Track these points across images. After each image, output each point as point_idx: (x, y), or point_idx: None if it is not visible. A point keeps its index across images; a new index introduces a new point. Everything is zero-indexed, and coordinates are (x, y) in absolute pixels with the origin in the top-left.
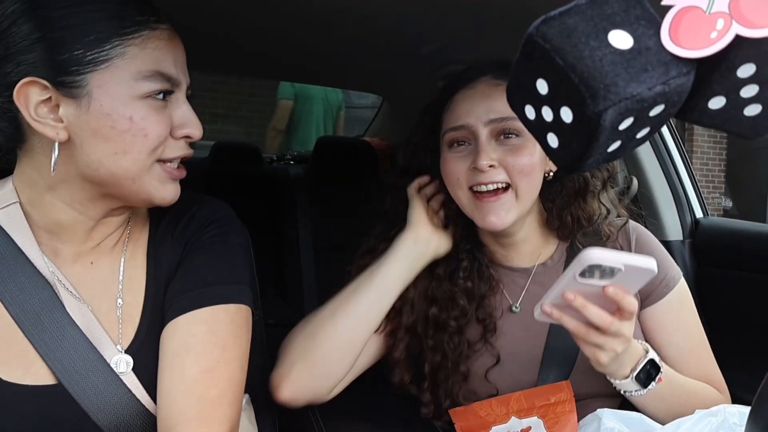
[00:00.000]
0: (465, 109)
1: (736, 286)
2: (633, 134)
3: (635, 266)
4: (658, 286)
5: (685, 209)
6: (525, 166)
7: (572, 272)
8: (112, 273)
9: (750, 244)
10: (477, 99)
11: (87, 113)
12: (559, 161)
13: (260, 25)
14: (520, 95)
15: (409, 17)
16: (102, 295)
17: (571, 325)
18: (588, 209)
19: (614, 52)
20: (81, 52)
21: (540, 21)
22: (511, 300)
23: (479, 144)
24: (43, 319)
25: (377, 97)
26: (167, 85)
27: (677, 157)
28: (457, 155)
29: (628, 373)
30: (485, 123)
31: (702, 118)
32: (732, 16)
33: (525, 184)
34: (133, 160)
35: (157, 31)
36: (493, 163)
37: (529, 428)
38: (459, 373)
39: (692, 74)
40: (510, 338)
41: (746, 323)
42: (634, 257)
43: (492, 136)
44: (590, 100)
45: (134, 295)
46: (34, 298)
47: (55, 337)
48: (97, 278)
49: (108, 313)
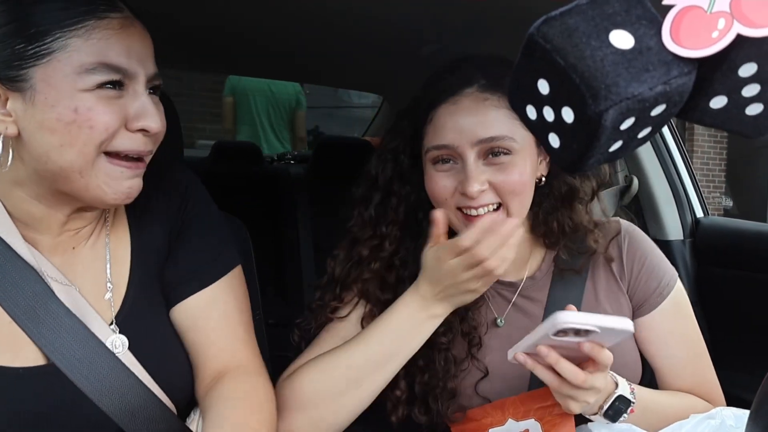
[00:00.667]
0: (449, 127)
1: (736, 285)
2: (634, 134)
3: (610, 328)
4: (651, 295)
5: (686, 209)
6: (516, 185)
7: (545, 331)
8: (97, 253)
9: (750, 243)
10: (462, 116)
11: (33, 107)
12: (561, 161)
13: (261, 25)
14: (521, 95)
15: (410, 17)
16: (90, 277)
17: (544, 377)
18: (575, 217)
19: (615, 52)
20: (22, 46)
21: (541, 21)
22: (497, 314)
23: (467, 168)
24: (38, 312)
25: (377, 96)
26: (116, 76)
27: (678, 156)
28: (443, 174)
29: (596, 411)
30: (472, 144)
31: (703, 118)
32: (733, 16)
33: (517, 202)
34: (79, 153)
35: (105, 20)
36: (483, 187)
37: (527, 430)
38: (447, 391)
39: (693, 74)
40: (496, 353)
41: (747, 323)
42: (608, 319)
43: (480, 157)
44: (591, 100)
45: (119, 267)
46: (28, 293)
47: (52, 328)
48: (82, 261)
49: (98, 294)
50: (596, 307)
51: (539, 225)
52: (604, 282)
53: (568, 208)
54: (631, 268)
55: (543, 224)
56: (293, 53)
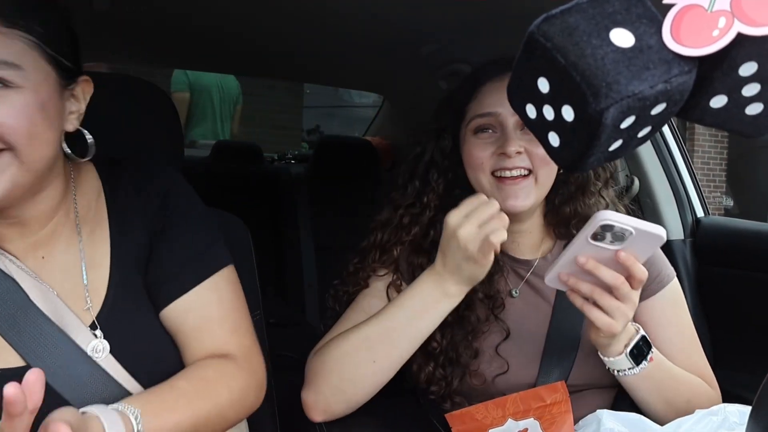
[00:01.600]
0: (494, 99)
1: (737, 285)
2: (634, 133)
3: (645, 231)
4: (653, 282)
5: (686, 208)
6: None
7: (585, 234)
8: (73, 258)
9: (751, 243)
10: (506, 90)
11: None
12: (561, 160)
13: (261, 24)
14: (521, 94)
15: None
16: (68, 283)
17: (585, 288)
18: (586, 206)
19: (616, 50)
20: None
21: (541, 19)
22: (512, 286)
23: (507, 132)
24: (18, 321)
25: (378, 96)
26: None
27: (678, 156)
28: (482, 141)
29: (622, 349)
30: (513, 113)
31: (704, 117)
32: (734, 14)
33: (545, 171)
34: None
35: None
36: (520, 149)
37: (526, 430)
38: (471, 350)
39: (694, 72)
40: (513, 320)
41: (747, 322)
42: (644, 223)
43: (518, 126)
44: (592, 98)
45: (99, 270)
46: (8, 303)
47: (33, 336)
48: (59, 267)
49: (76, 299)
50: None
51: (554, 212)
52: None
53: (581, 197)
54: None
55: (557, 211)
56: (293, 53)
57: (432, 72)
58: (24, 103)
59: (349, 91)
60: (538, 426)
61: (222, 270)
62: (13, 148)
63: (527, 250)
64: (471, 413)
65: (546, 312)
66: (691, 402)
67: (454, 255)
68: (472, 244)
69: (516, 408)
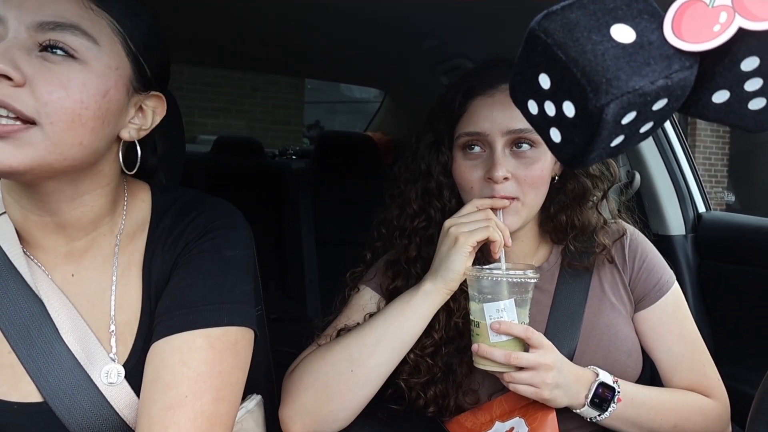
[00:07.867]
0: (483, 116)
1: (738, 280)
2: (636, 128)
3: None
4: (652, 290)
5: (688, 203)
6: (536, 179)
7: None
8: (102, 286)
9: (752, 238)
10: (496, 108)
11: None
12: (562, 156)
13: (263, 20)
14: (522, 90)
15: (411, 12)
16: (92, 309)
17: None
18: (583, 217)
19: (616, 46)
20: None
21: (542, 15)
22: None
23: (495, 155)
24: (32, 333)
25: (379, 91)
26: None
27: (680, 151)
28: (471, 163)
29: (583, 401)
30: (502, 133)
31: (705, 112)
32: (735, 9)
33: (533, 195)
34: None
35: None
36: (507, 175)
37: (512, 429)
38: (465, 366)
39: (695, 68)
40: None
41: (748, 317)
42: None
43: (507, 146)
44: (592, 94)
45: (127, 312)
46: (25, 312)
47: (42, 352)
48: (84, 292)
49: (99, 326)
50: (602, 297)
51: (548, 220)
52: (609, 275)
53: (578, 208)
54: (633, 263)
55: (552, 220)
56: (295, 49)
57: (433, 67)
58: (82, 80)
59: (350, 86)
60: (524, 423)
61: (207, 330)
62: (46, 125)
63: (521, 257)
64: (460, 421)
65: (542, 321)
66: (679, 426)
67: (439, 251)
68: (462, 237)
69: (502, 409)
